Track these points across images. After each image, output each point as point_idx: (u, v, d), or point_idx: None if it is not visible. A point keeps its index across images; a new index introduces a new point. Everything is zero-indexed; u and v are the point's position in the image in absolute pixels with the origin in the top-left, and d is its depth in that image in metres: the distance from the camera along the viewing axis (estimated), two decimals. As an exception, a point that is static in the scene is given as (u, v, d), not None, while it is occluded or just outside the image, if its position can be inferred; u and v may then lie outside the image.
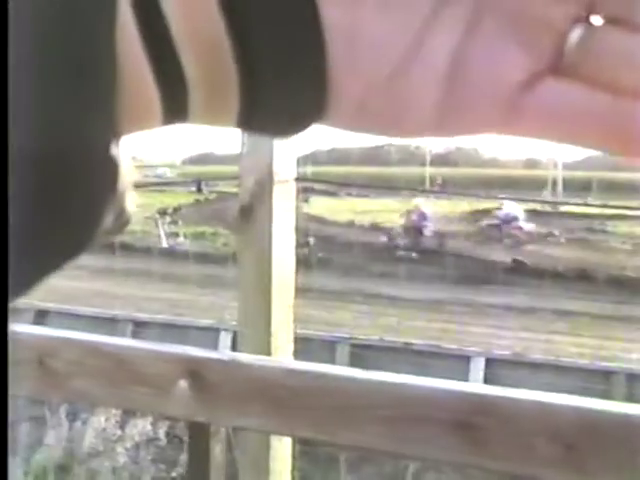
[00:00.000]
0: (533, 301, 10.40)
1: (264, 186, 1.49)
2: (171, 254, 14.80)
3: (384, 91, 0.22)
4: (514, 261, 12.68)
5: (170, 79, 0.20)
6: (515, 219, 14.94)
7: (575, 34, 0.22)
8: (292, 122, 0.22)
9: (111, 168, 0.20)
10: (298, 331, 1.67)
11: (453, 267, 12.03)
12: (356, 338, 7.05)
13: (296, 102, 0.22)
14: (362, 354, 6.64)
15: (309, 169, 24.14)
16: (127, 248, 14.76)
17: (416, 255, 13.40)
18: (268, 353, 1.52)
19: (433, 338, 7.37)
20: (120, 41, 0.19)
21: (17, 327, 0.97)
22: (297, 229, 1.66)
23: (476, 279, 11.58)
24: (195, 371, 0.89)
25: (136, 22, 0.20)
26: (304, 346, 2.29)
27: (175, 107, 0.21)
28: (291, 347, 1.59)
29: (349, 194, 22.41)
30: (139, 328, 6.52)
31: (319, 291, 9.72)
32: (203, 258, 14.35)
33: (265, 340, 1.54)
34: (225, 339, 6.94)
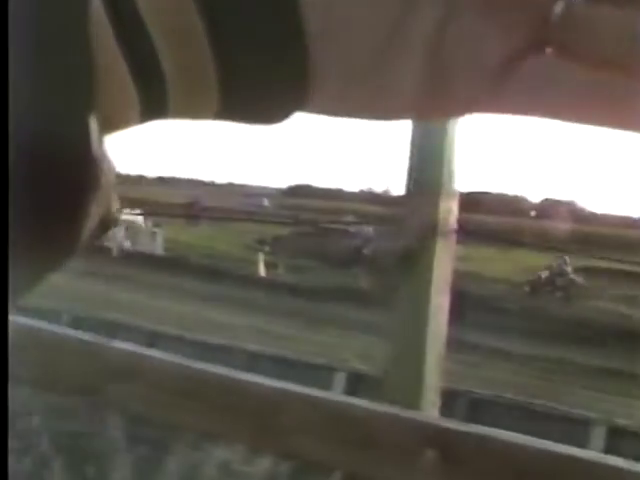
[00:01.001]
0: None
1: (429, 232, 1.50)
2: (269, 285, 15.08)
3: (365, 75, 0.22)
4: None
5: (147, 73, 0.21)
6: None
7: (558, 9, 0.22)
8: (273, 110, 0.22)
9: (92, 167, 0.19)
10: (444, 385, 1.65)
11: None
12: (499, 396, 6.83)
13: (277, 88, 0.22)
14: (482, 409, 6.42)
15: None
16: (223, 274, 15.21)
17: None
18: (417, 405, 1.51)
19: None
20: (94, 37, 0.19)
21: (243, 375, 1.00)
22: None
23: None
24: (442, 442, 0.89)
25: (109, 16, 0.20)
26: (449, 400, 2.26)
27: (154, 102, 0.21)
28: (438, 401, 1.58)
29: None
30: (253, 361, 6.64)
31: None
32: (303, 292, 14.51)
33: (413, 391, 1.53)
34: (340, 381, 6.93)
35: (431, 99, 0.23)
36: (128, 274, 14.77)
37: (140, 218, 20.57)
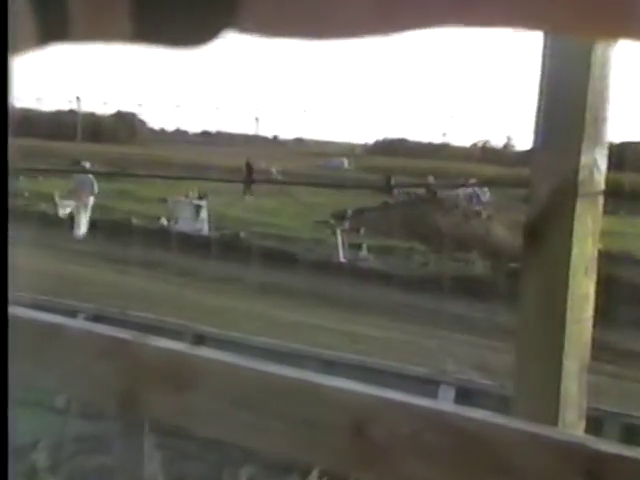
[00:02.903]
0: None
1: (566, 197, 1.49)
2: (350, 272, 15.18)
3: None
4: None
5: None
6: None
7: None
8: (197, 30, 0.24)
9: None
10: (588, 403, 1.65)
11: None
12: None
13: (198, 5, 0.23)
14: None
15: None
16: (289, 260, 15.42)
17: None
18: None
19: None
20: None
21: (329, 381, 1.04)
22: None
23: None
24: (596, 469, 0.90)
25: None
26: (595, 424, 2.25)
27: (53, 26, 0.23)
28: (581, 424, 1.58)
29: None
30: (329, 370, 6.77)
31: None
32: (394, 281, 14.56)
33: (547, 412, 1.54)
34: (446, 396, 7.01)
35: (393, 9, 0.25)
36: (164, 261, 15.19)
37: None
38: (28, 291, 8.97)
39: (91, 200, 20.38)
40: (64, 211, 20.96)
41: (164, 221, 20.82)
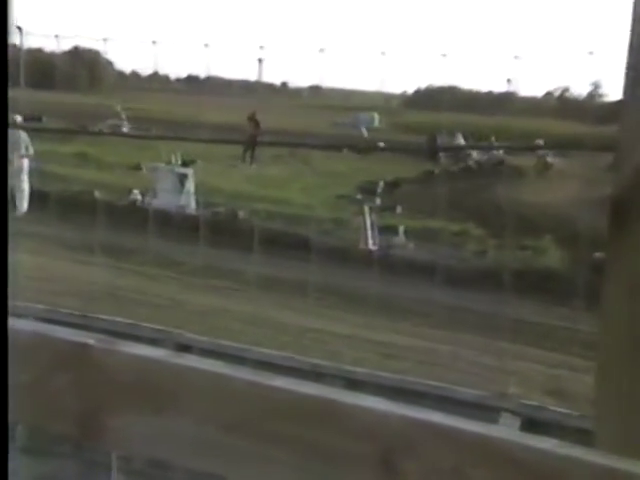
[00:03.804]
0: None
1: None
2: (382, 264, 15.18)
3: None
4: None
5: None
6: None
7: None
8: None
9: None
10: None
11: None
12: None
13: None
14: None
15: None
16: (304, 247, 15.42)
17: None
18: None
19: None
20: None
21: (349, 397, 1.05)
22: None
23: None
24: None
25: None
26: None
27: None
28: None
29: None
30: (352, 391, 6.82)
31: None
32: (440, 275, 14.56)
33: (636, 443, 1.55)
34: (508, 425, 7.03)
35: None
36: (138, 247, 15.23)
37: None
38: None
39: (25, 164, 20.47)
40: None
41: (137, 195, 20.84)
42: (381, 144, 28.02)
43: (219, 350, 7.86)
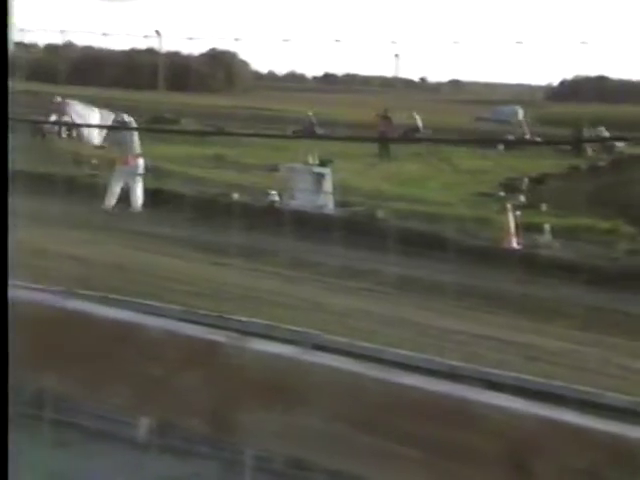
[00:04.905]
0: None
1: None
2: (526, 263, 15.01)
3: None
4: None
5: None
6: None
7: None
8: None
9: None
10: None
11: None
12: None
13: None
14: None
15: None
16: (444, 246, 15.34)
17: None
18: None
19: None
20: None
21: (480, 396, 1.05)
22: None
23: None
24: None
25: None
26: None
27: None
28: None
29: None
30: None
31: None
32: (589, 276, 14.35)
33: None
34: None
35: None
36: (275, 248, 15.38)
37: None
38: (96, 288, 9.29)
39: (140, 163, 20.99)
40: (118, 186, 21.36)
41: (275, 196, 21.01)
42: (527, 137, 27.64)
43: (356, 352, 7.89)
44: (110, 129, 24.88)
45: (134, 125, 23.55)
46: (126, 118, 23.28)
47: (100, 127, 26.71)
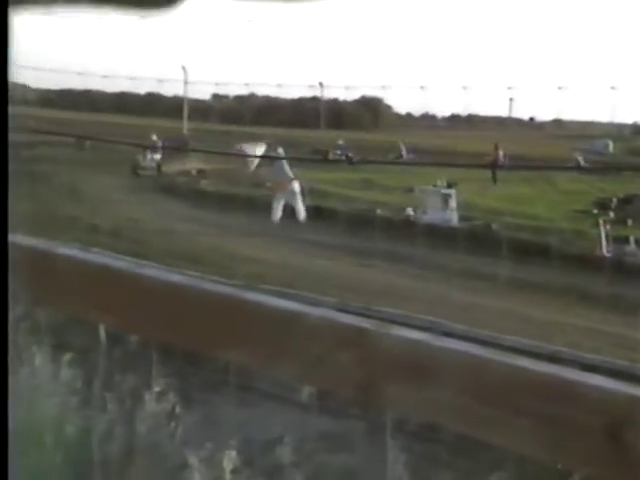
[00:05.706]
0: None
1: None
2: (615, 268, 14.61)
3: None
4: None
5: None
6: None
7: None
8: None
9: None
10: None
11: None
12: None
13: None
14: None
15: None
16: (547, 254, 15.04)
17: None
18: None
19: None
20: None
21: (581, 376, 1.03)
22: None
23: None
24: None
25: None
26: None
27: None
28: None
29: None
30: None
31: None
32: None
33: None
34: None
35: None
36: (411, 254, 15.35)
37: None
38: (270, 283, 9.42)
39: (296, 186, 21.14)
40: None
41: (410, 212, 21.02)
42: (615, 166, 26.95)
43: (476, 337, 7.81)
44: (269, 159, 25.16)
45: (283, 155, 23.86)
46: (279, 150, 23.72)
47: (260, 157, 26.86)
